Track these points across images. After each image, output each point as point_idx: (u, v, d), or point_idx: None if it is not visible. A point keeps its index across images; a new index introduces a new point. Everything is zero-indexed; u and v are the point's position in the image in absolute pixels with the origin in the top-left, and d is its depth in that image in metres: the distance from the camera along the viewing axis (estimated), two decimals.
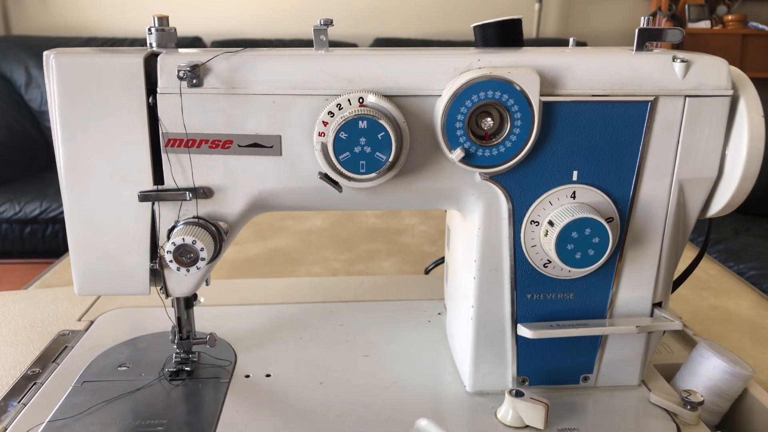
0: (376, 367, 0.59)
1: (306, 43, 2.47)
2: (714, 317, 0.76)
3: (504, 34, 0.53)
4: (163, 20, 0.49)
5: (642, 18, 0.50)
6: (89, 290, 0.51)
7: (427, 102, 0.47)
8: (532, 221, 0.49)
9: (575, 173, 0.48)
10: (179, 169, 0.48)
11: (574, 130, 0.47)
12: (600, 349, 0.53)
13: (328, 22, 0.50)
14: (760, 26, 2.85)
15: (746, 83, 0.48)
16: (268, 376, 0.57)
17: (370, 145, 0.45)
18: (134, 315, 0.69)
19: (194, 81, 0.46)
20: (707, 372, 0.53)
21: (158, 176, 0.48)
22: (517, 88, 0.45)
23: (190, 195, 0.48)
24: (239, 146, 0.47)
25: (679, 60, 0.47)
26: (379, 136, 0.44)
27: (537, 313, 0.52)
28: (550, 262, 0.50)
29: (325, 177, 0.47)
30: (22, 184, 2.30)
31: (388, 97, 0.46)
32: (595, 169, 0.48)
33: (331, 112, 0.45)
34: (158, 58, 0.46)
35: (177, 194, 0.48)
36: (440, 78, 0.46)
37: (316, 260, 0.93)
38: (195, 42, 2.74)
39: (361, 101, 0.45)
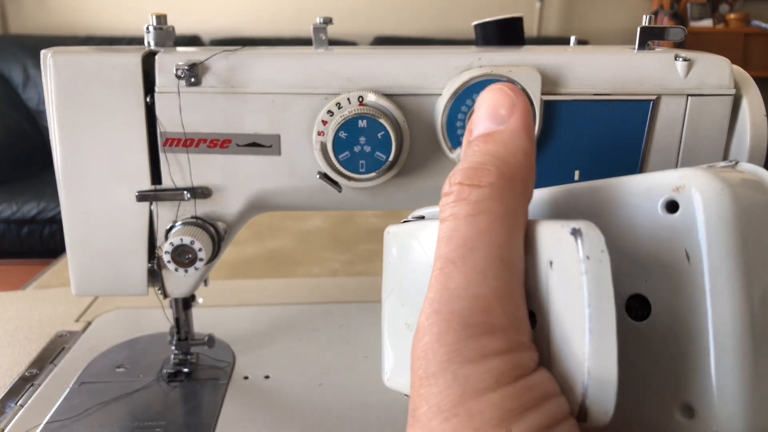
0: (375, 368, 0.58)
1: (305, 42, 2.46)
2: None
3: (505, 33, 0.53)
4: (161, 19, 0.49)
5: (644, 16, 0.50)
6: (87, 291, 0.51)
7: (427, 101, 0.46)
8: None
9: (577, 173, 0.48)
10: (177, 169, 0.47)
11: (575, 129, 0.47)
12: None
13: (328, 21, 0.49)
14: (763, 25, 2.85)
15: (748, 82, 0.48)
16: (267, 377, 0.57)
17: (369, 144, 0.44)
18: (132, 316, 0.68)
19: (192, 80, 0.45)
20: None
21: (156, 176, 0.48)
22: (518, 86, 0.44)
23: (189, 195, 0.48)
24: (238, 146, 0.47)
25: (681, 59, 0.46)
26: (378, 135, 0.44)
27: None
28: None
29: (325, 177, 0.47)
30: (19, 183, 2.30)
31: (388, 96, 0.46)
32: (596, 169, 0.48)
33: (331, 111, 0.45)
34: (156, 57, 0.46)
35: (175, 194, 0.48)
36: (440, 77, 0.46)
37: (316, 261, 0.93)
38: (193, 40, 2.74)
39: (360, 100, 0.45)
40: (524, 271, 0.22)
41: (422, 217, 0.33)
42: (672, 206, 0.23)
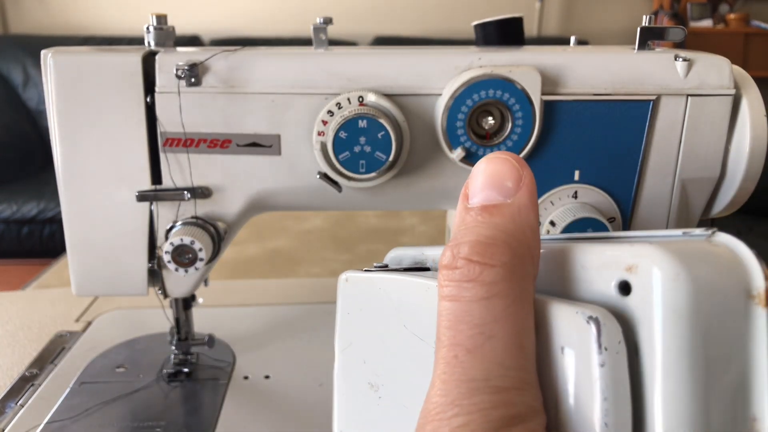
0: None
1: (305, 42, 2.45)
2: None
3: (505, 33, 0.53)
4: (161, 19, 0.49)
5: (644, 16, 0.50)
6: (87, 291, 0.51)
7: (427, 101, 0.46)
8: None
9: (577, 173, 0.48)
10: (177, 169, 0.47)
11: (575, 129, 0.47)
12: None
13: (328, 21, 0.49)
14: (763, 25, 2.84)
15: (748, 82, 0.48)
16: (267, 377, 0.57)
17: (370, 144, 0.44)
18: (132, 316, 0.68)
19: (192, 80, 0.45)
20: None
21: (156, 176, 0.48)
22: (518, 86, 0.44)
23: (189, 195, 0.48)
24: (238, 146, 0.47)
25: (681, 59, 0.46)
26: (379, 135, 0.44)
27: None
28: None
29: (325, 177, 0.47)
30: (19, 183, 2.30)
31: (388, 96, 0.46)
32: (597, 169, 0.48)
33: (331, 111, 0.45)
34: (156, 57, 0.46)
35: (175, 194, 0.48)
36: (441, 77, 0.46)
37: (316, 261, 0.93)
38: (193, 40, 2.74)
39: (360, 100, 0.45)
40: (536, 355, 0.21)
41: (386, 266, 0.31)
42: (625, 287, 0.20)
